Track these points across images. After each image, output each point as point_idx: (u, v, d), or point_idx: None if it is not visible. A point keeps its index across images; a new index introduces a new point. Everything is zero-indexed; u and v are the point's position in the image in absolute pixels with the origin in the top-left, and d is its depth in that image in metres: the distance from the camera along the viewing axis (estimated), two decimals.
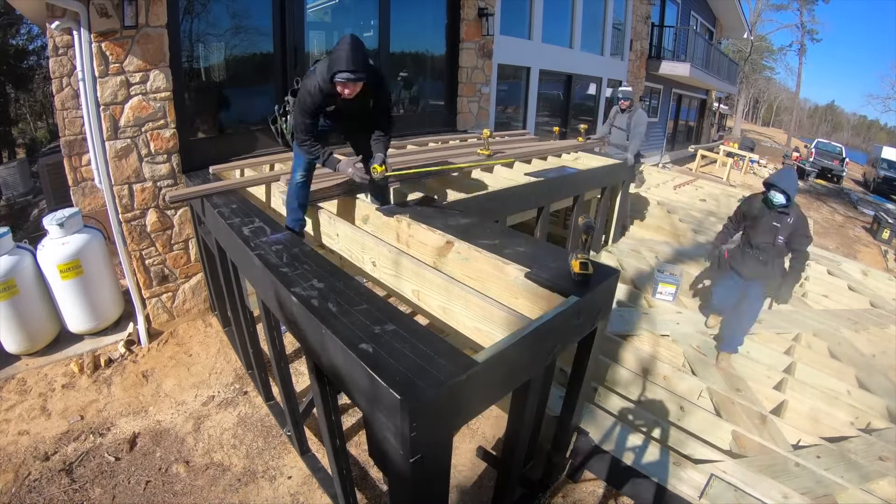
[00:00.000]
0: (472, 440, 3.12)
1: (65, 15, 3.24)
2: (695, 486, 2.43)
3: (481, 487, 2.79)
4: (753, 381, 3.31)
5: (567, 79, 8.92)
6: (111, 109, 3.44)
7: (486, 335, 2.03)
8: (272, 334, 2.69)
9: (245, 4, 4.30)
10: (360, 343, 1.63)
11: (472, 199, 3.48)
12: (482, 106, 6.55)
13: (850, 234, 10.88)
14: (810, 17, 28.17)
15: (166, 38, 3.57)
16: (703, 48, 12.92)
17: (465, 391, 1.53)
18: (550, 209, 4.38)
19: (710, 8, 15.22)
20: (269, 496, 2.72)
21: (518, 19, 7.35)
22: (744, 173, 15.10)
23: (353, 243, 2.78)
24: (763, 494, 2.37)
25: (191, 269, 4.22)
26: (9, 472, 2.80)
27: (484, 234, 2.60)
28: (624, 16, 10.11)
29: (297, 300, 1.92)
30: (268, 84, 4.54)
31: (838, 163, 18.40)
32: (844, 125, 57.89)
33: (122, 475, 2.82)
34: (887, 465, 2.64)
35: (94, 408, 3.33)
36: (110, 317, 4.07)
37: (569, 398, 2.52)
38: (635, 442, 2.69)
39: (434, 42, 6.05)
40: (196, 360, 3.89)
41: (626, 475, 2.59)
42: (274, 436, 3.15)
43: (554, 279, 2.10)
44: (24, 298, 3.59)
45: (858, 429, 3.01)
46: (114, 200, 3.64)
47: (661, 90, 13.19)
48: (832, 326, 4.05)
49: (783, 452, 2.65)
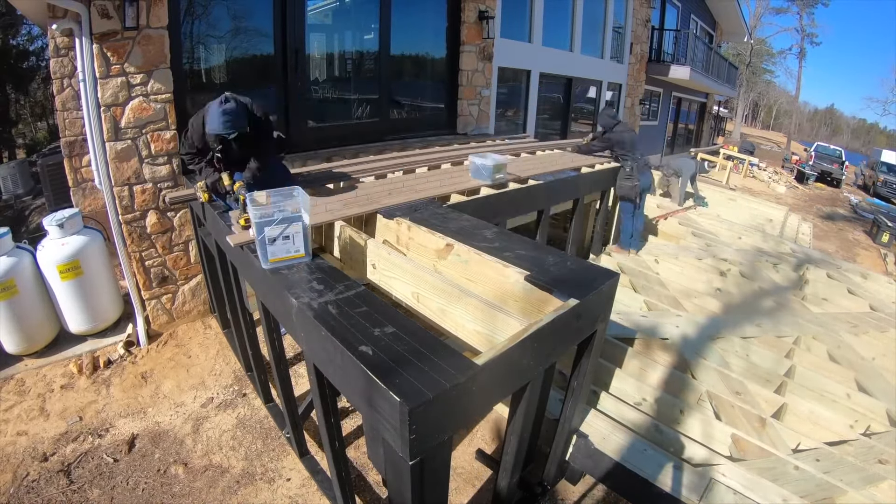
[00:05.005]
0: (471, 443, 3.12)
1: (66, 16, 3.25)
2: (694, 489, 2.43)
3: (480, 490, 2.78)
4: (753, 384, 3.30)
5: (567, 82, 8.93)
6: (112, 110, 3.44)
7: (486, 338, 2.03)
8: (271, 336, 2.68)
9: (246, 6, 4.31)
10: (359, 345, 1.63)
11: (471, 202, 3.48)
12: (482, 109, 6.56)
13: (849, 237, 10.89)
14: (810, 20, 28.32)
15: (167, 40, 3.58)
16: (703, 51, 12.94)
17: (464, 394, 1.53)
18: (551, 212, 4.40)
19: (710, 11, 15.26)
20: (268, 498, 2.71)
21: (518, 22, 7.36)
22: (743, 176, 15.13)
23: (353, 246, 2.78)
24: (762, 498, 2.37)
25: (191, 270, 4.21)
26: (7, 472, 2.80)
27: (484, 237, 2.60)
28: (624, 19, 10.13)
29: (297, 302, 1.92)
30: (268, 86, 4.55)
31: (838, 166, 18.44)
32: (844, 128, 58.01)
33: (120, 476, 2.82)
34: (887, 468, 2.64)
35: (92, 409, 3.33)
36: (110, 318, 4.07)
37: (568, 401, 2.52)
38: (634, 445, 2.69)
39: (435, 45, 6.06)
40: (195, 361, 3.89)
41: (626, 478, 2.59)
42: (273, 438, 3.14)
43: (554, 282, 2.10)
44: (24, 299, 3.59)
45: (858, 432, 3.01)
46: (114, 201, 3.64)
47: (660, 93, 13.22)
48: (832, 330, 4.04)
49: (783, 456, 2.64)
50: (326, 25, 5.22)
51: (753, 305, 4.39)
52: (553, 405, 2.75)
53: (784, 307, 4.37)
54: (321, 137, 4.97)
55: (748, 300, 4.47)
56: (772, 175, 16.65)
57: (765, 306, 4.38)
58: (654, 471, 2.54)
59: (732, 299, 4.47)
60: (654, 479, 2.50)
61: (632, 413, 2.97)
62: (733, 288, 4.68)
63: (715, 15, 15.69)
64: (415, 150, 4.89)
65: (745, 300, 4.47)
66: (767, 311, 4.28)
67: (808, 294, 4.81)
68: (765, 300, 4.48)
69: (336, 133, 5.20)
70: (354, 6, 5.47)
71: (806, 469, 2.55)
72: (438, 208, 3.13)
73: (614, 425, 2.82)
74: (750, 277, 4.90)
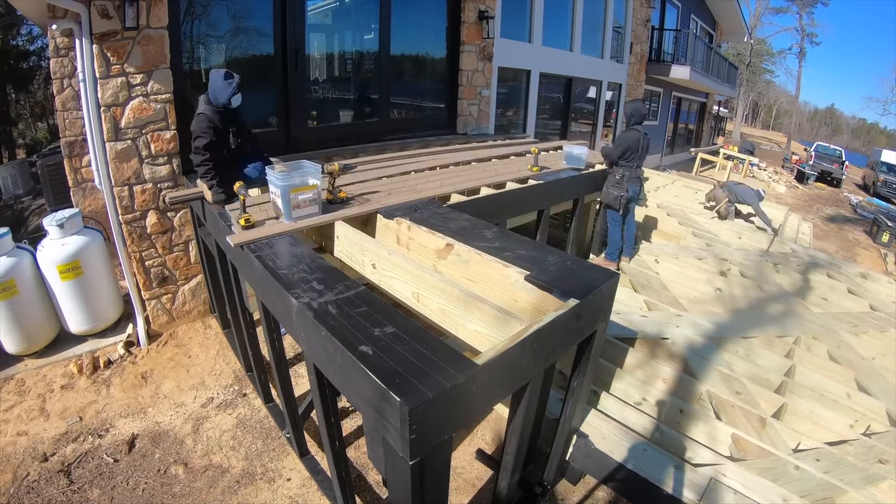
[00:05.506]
0: (471, 442, 3.12)
1: (66, 16, 3.25)
2: (694, 488, 2.43)
3: (480, 490, 2.78)
4: (753, 383, 3.30)
5: (567, 82, 8.94)
6: (112, 111, 3.44)
7: (486, 338, 2.03)
8: (272, 336, 2.68)
9: (246, 6, 4.31)
10: (359, 345, 1.63)
11: (472, 202, 3.48)
12: (482, 108, 6.56)
13: (849, 237, 10.89)
14: (810, 20, 28.26)
15: (167, 40, 3.58)
16: (703, 51, 12.95)
17: (464, 394, 1.53)
18: (551, 212, 4.39)
19: (710, 11, 15.26)
20: (268, 498, 2.71)
21: (518, 22, 7.36)
22: (743, 176, 15.12)
23: (353, 246, 2.78)
24: (763, 497, 2.37)
25: (191, 270, 4.21)
26: (7, 472, 2.80)
27: (484, 237, 2.60)
28: (624, 19, 10.13)
29: (297, 302, 1.92)
30: (268, 86, 4.55)
31: (838, 166, 18.43)
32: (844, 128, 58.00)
33: (120, 476, 2.82)
34: (887, 468, 2.64)
35: (93, 409, 3.33)
36: (110, 318, 4.07)
37: (568, 401, 2.52)
38: (635, 445, 2.69)
39: (435, 45, 6.06)
40: (195, 361, 3.89)
41: (626, 478, 2.59)
42: (273, 438, 3.14)
43: (554, 282, 2.10)
44: (24, 299, 3.59)
45: (858, 432, 3.01)
46: (114, 201, 3.64)
47: (660, 93, 13.22)
48: (832, 329, 4.04)
49: (783, 455, 2.64)
50: (326, 25, 5.22)
51: (754, 305, 4.39)
52: (553, 405, 2.76)
53: (784, 307, 4.36)
54: (321, 137, 4.98)
55: (748, 300, 4.47)
56: (772, 175, 16.65)
57: (765, 306, 4.38)
58: (654, 470, 2.54)
59: (733, 299, 4.46)
60: (654, 479, 2.50)
61: (632, 413, 2.97)
62: (734, 288, 4.68)
63: (715, 15, 15.69)
64: (415, 150, 4.89)
65: (746, 300, 4.47)
66: (768, 311, 4.28)
67: (808, 294, 4.81)
68: (765, 300, 4.48)
69: (336, 133, 5.21)
70: (354, 6, 5.48)
71: (806, 469, 2.55)
72: (438, 208, 3.13)
73: (614, 425, 2.82)
74: (750, 277, 4.89)
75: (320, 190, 2.87)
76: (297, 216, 2.77)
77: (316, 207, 2.84)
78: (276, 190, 2.73)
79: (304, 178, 2.76)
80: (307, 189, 2.76)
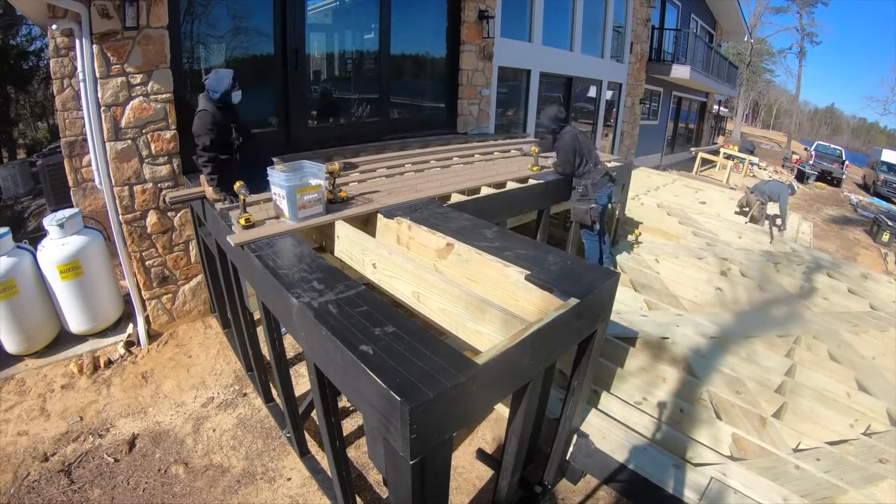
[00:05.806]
0: (471, 442, 3.12)
1: (66, 16, 3.25)
2: (695, 488, 2.43)
3: (481, 490, 2.78)
4: (753, 383, 3.30)
5: (567, 81, 8.93)
6: (112, 110, 3.44)
7: (486, 337, 2.03)
8: (272, 336, 2.68)
9: (246, 6, 4.31)
10: (360, 345, 1.63)
11: (472, 202, 3.48)
12: (482, 108, 6.56)
13: (849, 236, 10.89)
14: (810, 19, 28.27)
15: (167, 40, 3.58)
16: (703, 51, 12.94)
17: (465, 393, 1.53)
18: (551, 211, 4.39)
19: (710, 10, 15.26)
20: (269, 498, 2.72)
21: (519, 22, 7.35)
22: (743, 176, 15.12)
23: (353, 245, 2.78)
24: (763, 497, 2.37)
25: (191, 270, 4.21)
26: (7, 472, 2.80)
27: (484, 237, 2.60)
28: (624, 18, 10.12)
29: (297, 301, 1.92)
30: (268, 86, 4.54)
31: (838, 165, 18.43)
32: (844, 128, 57.94)
33: (121, 476, 2.82)
34: (887, 467, 2.64)
35: (93, 409, 3.33)
36: (110, 318, 4.07)
37: (568, 401, 2.52)
38: (635, 444, 2.69)
39: (435, 44, 6.06)
40: (196, 361, 3.89)
41: (626, 478, 2.59)
42: (273, 437, 3.14)
43: (554, 282, 2.10)
44: (24, 299, 3.59)
45: (859, 431, 3.01)
46: (114, 201, 3.64)
47: (661, 93, 13.22)
48: (832, 329, 4.04)
49: (783, 455, 2.64)
50: (326, 25, 5.22)
51: (754, 304, 4.39)
52: (553, 405, 2.76)
53: (784, 306, 4.37)
54: (321, 137, 4.97)
55: (749, 299, 4.48)
56: (772, 174, 16.65)
57: (766, 306, 4.38)
58: (654, 470, 2.54)
59: (733, 298, 4.47)
60: (654, 479, 2.50)
61: (633, 413, 2.97)
62: (734, 287, 4.68)
63: (715, 14, 15.68)
64: (415, 150, 4.89)
65: (747, 299, 4.47)
66: (768, 311, 4.28)
67: (808, 293, 4.81)
68: (766, 299, 4.49)
69: (336, 132, 5.20)
70: (354, 6, 5.47)
71: (806, 468, 2.55)
72: (439, 208, 3.13)
73: (615, 425, 2.82)
74: (751, 277, 4.90)
75: (324, 190, 2.89)
76: (302, 216, 2.77)
77: (320, 207, 2.86)
78: (281, 191, 2.72)
79: (308, 178, 2.77)
80: (311, 189, 2.77)
